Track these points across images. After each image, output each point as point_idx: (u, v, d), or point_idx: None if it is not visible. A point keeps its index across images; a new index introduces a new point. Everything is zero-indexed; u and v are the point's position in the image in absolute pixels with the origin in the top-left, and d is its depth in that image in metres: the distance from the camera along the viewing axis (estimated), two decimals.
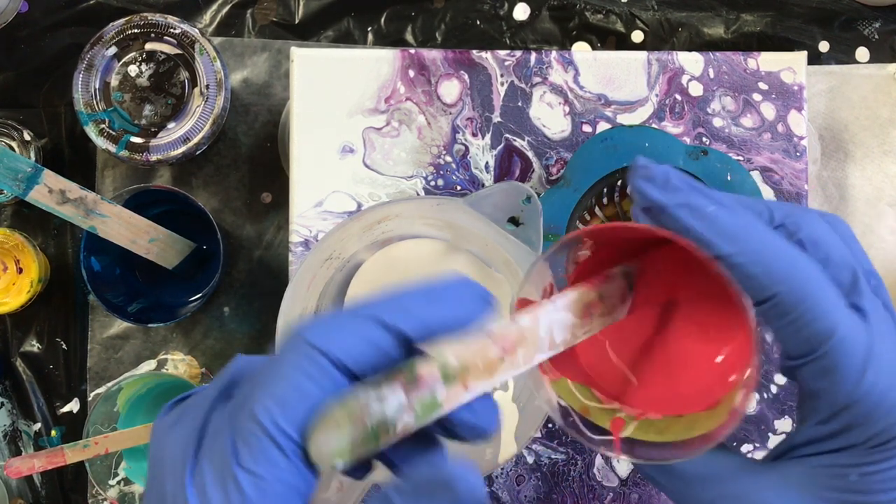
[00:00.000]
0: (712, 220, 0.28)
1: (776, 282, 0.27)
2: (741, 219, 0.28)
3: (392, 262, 0.47)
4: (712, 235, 0.28)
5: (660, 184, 0.28)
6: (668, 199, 0.28)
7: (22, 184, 0.48)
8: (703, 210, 0.28)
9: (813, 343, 0.28)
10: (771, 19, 0.61)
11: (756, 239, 0.28)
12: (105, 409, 0.57)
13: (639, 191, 0.28)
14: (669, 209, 0.28)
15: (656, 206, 0.28)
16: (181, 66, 0.56)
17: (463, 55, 0.50)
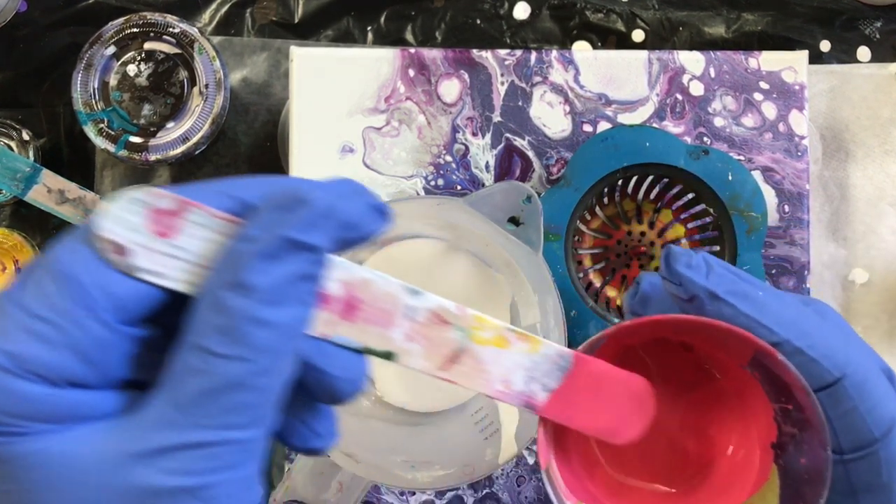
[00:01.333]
0: (764, 306, 0.27)
1: (839, 366, 0.26)
2: (790, 304, 0.27)
3: (392, 262, 0.47)
4: (769, 321, 0.26)
5: (704, 271, 0.27)
6: (716, 285, 0.27)
7: (21, 183, 0.48)
8: (754, 296, 0.27)
9: (875, 431, 0.26)
10: (772, 19, 0.61)
11: (811, 324, 0.27)
12: None
13: (684, 279, 0.27)
14: (721, 297, 0.27)
15: (705, 295, 0.27)
16: (180, 66, 0.56)
17: (463, 55, 0.50)
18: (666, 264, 0.28)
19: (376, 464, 0.41)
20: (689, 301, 0.27)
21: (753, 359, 0.27)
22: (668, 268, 0.28)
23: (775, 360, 0.26)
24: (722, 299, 0.27)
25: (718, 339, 0.27)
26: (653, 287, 0.30)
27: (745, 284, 0.27)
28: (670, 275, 0.28)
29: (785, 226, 0.50)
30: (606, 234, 0.50)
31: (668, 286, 0.28)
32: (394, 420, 0.47)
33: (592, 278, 0.50)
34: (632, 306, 0.30)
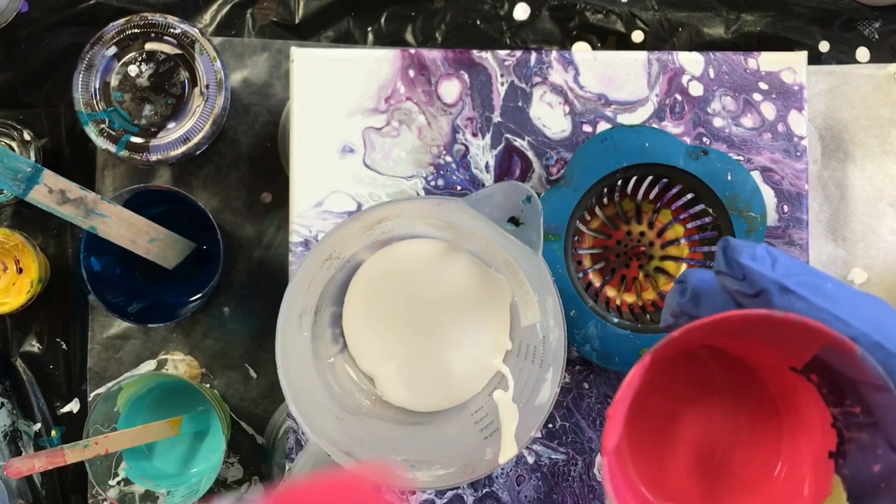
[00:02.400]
0: (836, 299, 0.25)
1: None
2: (859, 296, 0.26)
3: (392, 262, 0.47)
4: (845, 314, 0.25)
5: (770, 263, 0.25)
6: (785, 277, 0.25)
7: (22, 184, 0.48)
8: (825, 287, 0.25)
9: None
10: (771, 19, 0.61)
11: (887, 317, 0.25)
12: (105, 409, 0.57)
13: (750, 272, 0.25)
14: (792, 289, 0.25)
15: (775, 288, 0.25)
16: (181, 66, 0.56)
17: (463, 55, 0.50)
18: (725, 258, 0.26)
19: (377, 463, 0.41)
20: (755, 296, 0.25)
21: (814, 358, 0.26)
22: (727, 261, 0.26)
23: (852, 354, 0.24)
24: (793, 292, 0.25)
25: (781, 336, 0.26)
26: (703, 283, 0.27)
27: (813, 276, 0.25)
28: (731, 269, 0.26)
29: (784, 226, 0.50)
30: (606, 235, 0.50)
31: (728, 281, 0.26)
32: (394, 420, 0.47)
33: (592, 278, 0.50)
34: (681, 306, 0.28)
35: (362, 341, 0.47)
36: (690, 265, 0.49)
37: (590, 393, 0.50)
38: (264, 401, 0.61)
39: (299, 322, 0.43)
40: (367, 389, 0.47)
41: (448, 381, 0.46)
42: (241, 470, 0.61)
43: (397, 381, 0.47)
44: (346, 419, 0.44)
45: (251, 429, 0.61)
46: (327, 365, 0.46)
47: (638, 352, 0.46)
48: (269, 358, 0.61)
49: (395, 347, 0.47)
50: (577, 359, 0.50)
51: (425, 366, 0.46)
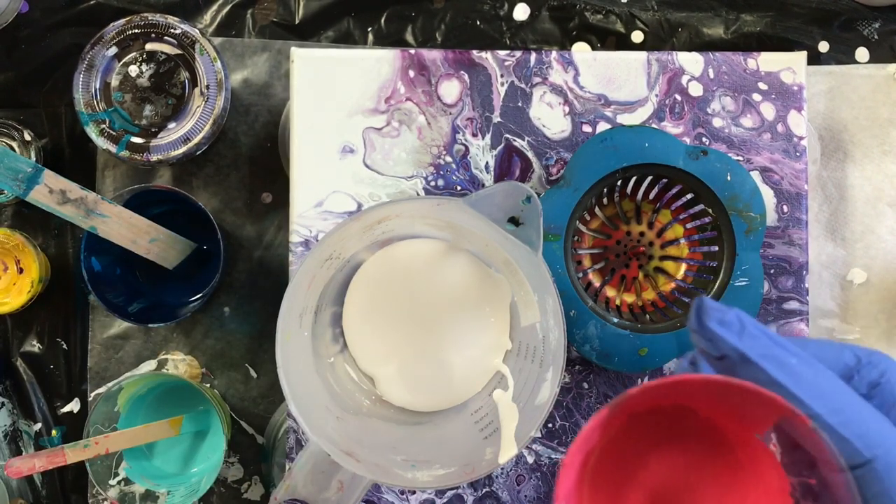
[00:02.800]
0: (798, 375, 0.25)
1: (871, 446, 0.25)
2: (824, 375, 0.26)
3: (392, 262, 0.47)
4: (803, 393, 0.25)
5: (737, 330, 0.26)
6: (748, 348, 0.25)
7: (22, 184, 0.48)
8: (788, 363, 0.26)
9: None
10: (771, 19, 0.61)
11: (846, 399, 0.26)
12: (105, 409, 0.57)
13: (714, 337, 0.26)
14: (754, 360, 0.25)
15: (737, 356, 0.26)
16: (181, 67, 0.56)
17: (463, 55, 0.50)
18: (696, 318, 0.26)
19: (377, 462, 0.41)
20: (719, 360, 0.26)
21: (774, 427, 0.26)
22: (698, 321, 0.26)
23: (807, 429, 0.24)
24: (754, 363, 0.25)
25: (743, 403, 0.26)
26: None
27: (778, 349, 0.26)
28: (701, 329, 0.26)
29: (783, 226, 0.50)
30: (606, 235, 0.50)
31: (698, 340, 0.27)
32: (394, 419, 0.47)
33: (592, 278, 0.50)
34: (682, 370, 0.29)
35: (362, 341, 0.47)
36: (690, 265, 0.50)
37: (589, 393, 0.50)
38: (264, 401, 0.61)
39: (299, 322, 0.43)
40: (367, 389, 0.47)
41: (448, 381, 0.46)
42: (241, 470, 0.61)
43: (397, 381, 0.47)
44: (346, 419, 0.44)
45: (251, 429, 0.61)
46: (327, 365, 0.46)
47: (638, 351, 0.46)
48: (270, 358, 0.61)
49: (395, 347, 0.47)
50: (576, 359, 0.50)
51: (425, 366, 0.46)
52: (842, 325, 0.60)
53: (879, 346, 0.59)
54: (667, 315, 0.48)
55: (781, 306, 0.50)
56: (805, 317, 0.50)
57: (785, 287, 0.50)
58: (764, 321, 0.50)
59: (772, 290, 0.50)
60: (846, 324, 0.60)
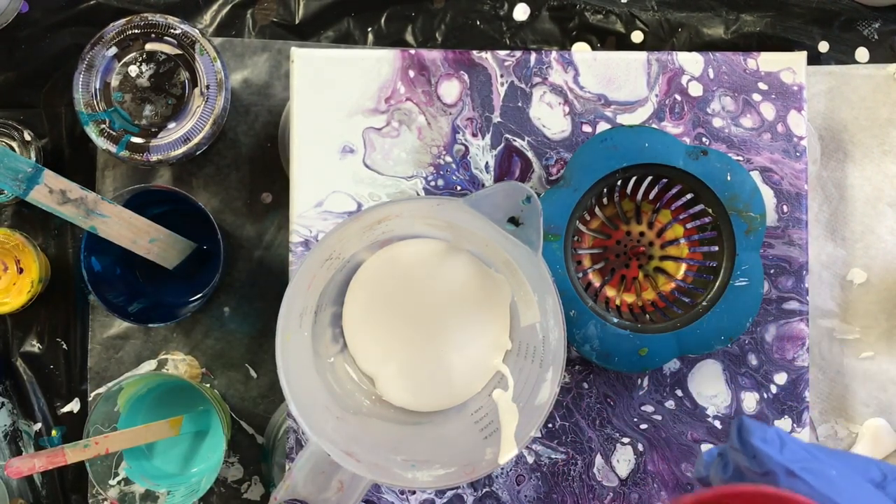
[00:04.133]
0: (839, 487, 0.26)
1: None
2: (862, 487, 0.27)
3: (392, 262, 0.47)
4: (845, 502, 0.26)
5: (778, 446, 0.27)
6: (791, 462, 0.27)
7: (22, 184, 0.48)
8: (829, 475, 0.27)
9: None
10: (771, 20, 0.61)
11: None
12: (105, 409, 0.57)
13: (759, 454, 0.27)
14: (798, 474, 0.26)
15: (781, 471, 0.26)
16: (181, 67, 0.56)
17: (463, 55, 0.50)
18: (739, 437, 0.28)
19: (377, 462, 0.41)
20: (764, 475, 0.27)
21: None
22: (741, 440, 0.28)
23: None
24: (798, 476, 0.26)
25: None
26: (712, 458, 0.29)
27: (818, 463, 0.27)
28: (744, 448, 0.27)
29: (783, 226, 0.50)
30: (605, 235, 0.50)
31: (739, 458, 0.28)
32: (394, 419, 0.47)
33: (592, 278, 0.50)
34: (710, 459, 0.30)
35: (362, 341, 0.47)
36: (690, 265, 0.50)
37: (589, 393, 0.50)
38: (264, 401, 0.61)
39: (299, 322, 0.43)
40: (367, 389, 0.47)
41: (448, 381, 0.46)
42: (241, 470, 0.61)
43: (397, 381, 0.47)
44: (346, 419, 0.44)
45: (251, 429, 0.61)
46: (327, 365, 0.46)
47: (638, 351, 0.46)
48: (270, 358, 0.61)
49: (394, 347, 0.47)
50: (576, 359, 0.50)
51: (425, 366, 0.46)
52: (842, 325, 0.60)
53: (879, 345, 0.59)
54: (667, 315, 0.48)
55: (781, 306, 0.50)
56: (805, 317, 0.50)
57: (785, 287, 0.50)
58: (764, 321, 0.50)
59: (772, 290, 0.50)
60: (846, 324, 0.60)
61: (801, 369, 0.50)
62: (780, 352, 0.50)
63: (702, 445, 0.50)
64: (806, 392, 0.50)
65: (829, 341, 0.60)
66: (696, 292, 0.48)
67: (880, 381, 0.59)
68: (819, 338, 0.59)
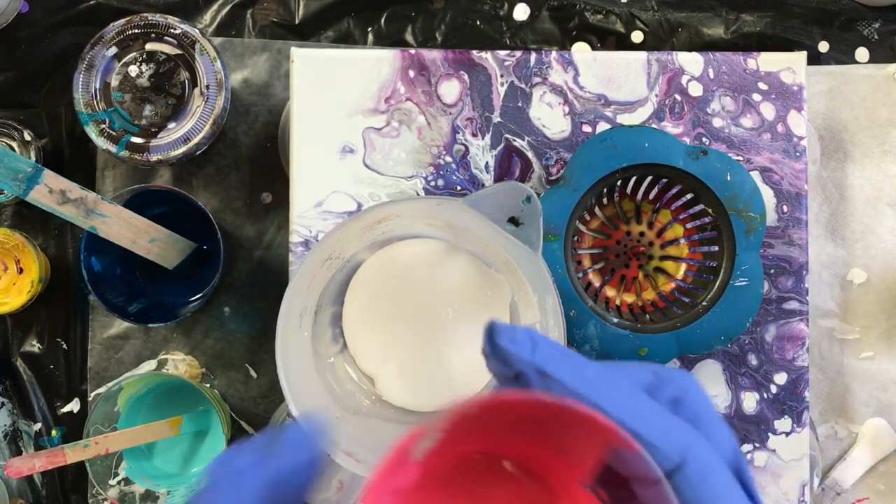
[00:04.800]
0: (595, 385, 0.25)
1: (680, 451, 0.25)
2: (623, 385, 0.25)
3: (392, 262, 0.47)
4: (602, 401, 0.24)
5: (529, 346, 0.25)
6: (544, 362, 0.25)
7: (22, 184, 0.48)
8: (584, 374, 0.25)
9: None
10: (771, 20, 0.61)
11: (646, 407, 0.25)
12: (105, 409, 0.57)
13: (508, 356, 0.25)
14: (549, 372, 0.25)
15: (532, 371, 0.25)
16: (181, 67, 0.56)
17: (463, 55, 0.50)
18: (488, 339, 0.26)
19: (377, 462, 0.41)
20: (515, 379, 0.25)
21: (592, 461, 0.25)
22: (489, 342, 0.26)
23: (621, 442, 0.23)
24: (550, 376, 0.25)
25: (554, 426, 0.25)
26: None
27: (574, 362, 0.25)
28: (493, 350, 0.25)
29: (783, 226, 0.50)
30: (605, 235, 0.50)
31: (491, 364, 0.26)
32: (394, 419, 0.47)
33: (591, 278, 0.50)
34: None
35: (362, 341, 0.47)
36: (690, 265, 0.50)
37: None
38: (264, 401, 0.61)
39: (299, 322, 0.43)
40: (367, 389, 0.47)
41: (448, 381, 0.46)
42: None
43: (397, 381, 0.47)
44: (346, 419, 0.44)
45: (251, 429, 0.61)
46: (327, 365, 0.46)
47: (638, 351, 0.46)
48: (269, 358, 0.61)
49: (394, 347, 0.47)
50: None
51: (425, 366, 0.46)
52: (842, 325, 0.60)
53: (879, 345, 0.59)
54: (667, 315, 0.48)
55: (781, 306, 0.50)
56: (805, 317, 0.50)
57: (785, 287, 0.50)
58: (764, 321, 0.50)
59: (772, 290, 0.50)
60: (846, 324, 0.60)
61: (801, 369, 0.50)
62: (780, 352, 0.50)
63: None
64: (806, 392, 0.50)
65: (829, 341, 0.60)
66: (696, 292, 0.48)
67: (880, 381, 0.59)
68: (819, 338, 0.59)
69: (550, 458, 0.27)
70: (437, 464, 0.26)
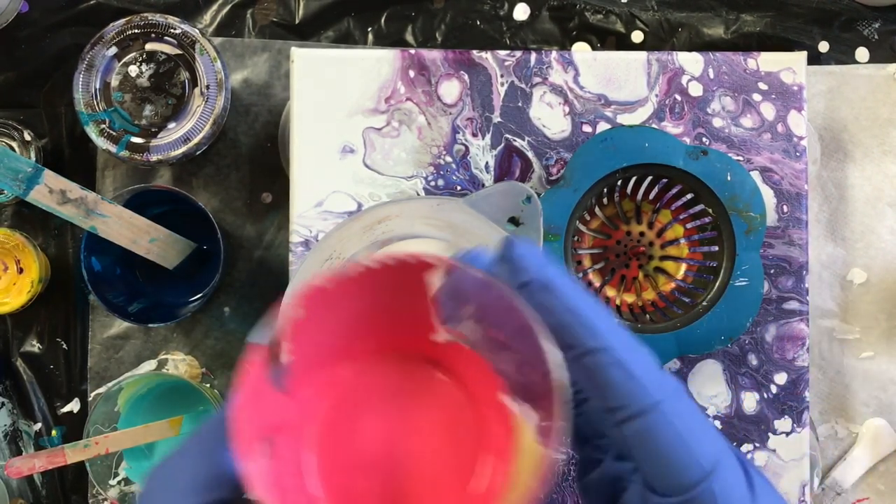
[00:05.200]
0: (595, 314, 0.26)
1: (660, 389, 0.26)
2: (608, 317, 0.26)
3: None
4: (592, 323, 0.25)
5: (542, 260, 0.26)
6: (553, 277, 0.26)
7: (22, 184, 0.48)
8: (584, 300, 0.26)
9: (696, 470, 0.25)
10: (771, 20, 0.61)
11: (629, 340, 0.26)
12: (105, 409, 0.57)
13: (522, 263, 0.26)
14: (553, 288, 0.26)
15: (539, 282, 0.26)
16: (181, 67, 0.56)
17: (463, 55, 0.50)
18: (506, 246, 0.26)
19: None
20: (520, 287, 0.26)
21: None
22: (507, 248, 0.26)
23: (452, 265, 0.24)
24: (554, 290, 0.25)
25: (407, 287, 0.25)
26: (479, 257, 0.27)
27: (577, 286, 0.26)
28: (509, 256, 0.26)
29: (783, 226, 0.50)
30: (606, 235, 0.50)
31: (501, 269, 0.26)
32: None
33: (592, 278, 0.50)
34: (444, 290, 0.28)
35: None
36: (690, 265, 0.50)
37: None
38: None
39: None
40: None
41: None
42: None
43: None
44: None
45: None
46: None
47: None
48: None
49: None
50: None
51: None
52: (842, 325, 0.60)
53: (880, 345, 0.59)
54: (667, 315, 0.48)
55: (781, 306, 0.50)
56: (805, 317, 0.50)
57: (785, 287, 0.50)
58: (764, 321, 0.50)
59: (772, 290, 0.50)
60: (846, 324, 0.60)
61: (801, 369, 0.50)
62: (780, 352, 0.50)
63: None
64: (806, 392, 0.50)
65: (829, 341, 0.60)
66: (696, 292, 0.48)
67: (880, 381, 0.59)
68: (819, 338, 0.59)
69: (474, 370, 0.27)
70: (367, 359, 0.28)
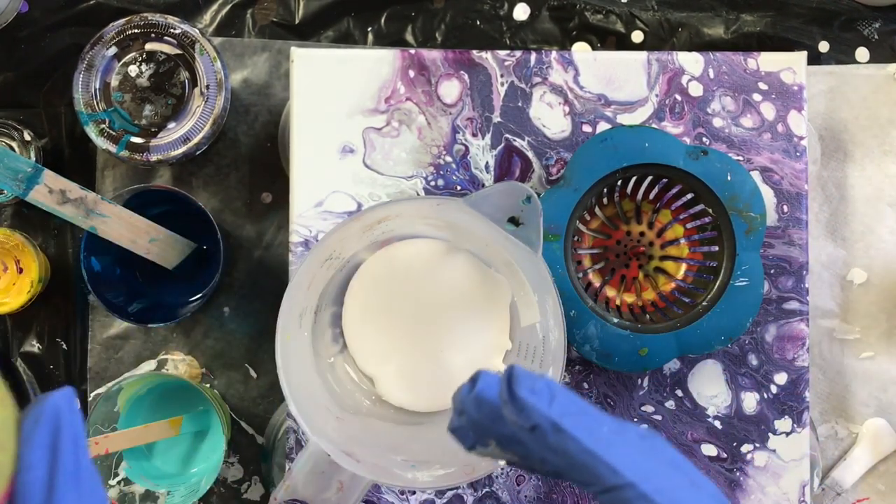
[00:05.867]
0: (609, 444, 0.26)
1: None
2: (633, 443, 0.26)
3: (392, 262, 0.47)
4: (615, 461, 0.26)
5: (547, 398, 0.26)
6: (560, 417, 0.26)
7: (22, 184, 0.48)
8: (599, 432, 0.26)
9: None
10: (771, 19, 0.61)
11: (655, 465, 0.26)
12: (105, 409, 0.57)
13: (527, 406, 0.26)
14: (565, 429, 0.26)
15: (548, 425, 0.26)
16: (181, 67, 0.56)
17: (463, 55, 0.50)
18: (507, 386, 0.26)
19: (376, 463, 0.41)
20: (531, 430, 0.25)
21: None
22: (509, 391, 0.26)
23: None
24: (566, 432, 0.25)
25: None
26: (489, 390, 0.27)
27: (590, 418, 0.26)
28: (512, 399, 0.26)
29: (784, 226, 0.50)
30: (606, 235, 0.50)
31: (508, 411, 0.26)
32: (394, 419, 0.47)
33: (592, 278, 0.50)
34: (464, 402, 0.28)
35: (362, 341, 0.47)
36: (690, 265, 0.50)
37: (590, 393, 0.50)
38: (264, 401, 0.61)
39: (299, 322, 0.43)
40: (367, 389, 0.47)
41: (448, 381, 0.46)
42: (241, 470, 0.61)
43: (397, 381, 0.47)
44: (346, 419, 0.44)
45: (251, 429, 0.61)
46: (327, 365, 0.46)
47: (638, 351, 0.46)
48: (269, 358, 0.61)
49: (394, 347, 0.47)
50: (576, 359, 0.50)
51: (425, 366, 0.46)
52: (842, 325, 0.60)
53: (880, 345, 0.59)
54: (667, 315, 0.48)
55: (781, 306, 0.50)
56: (805, 317, 0.50)
57: (785, 287, 0.50)
58: (764, 321, 0.50)
59: (772, 290, 0.50)
60: (846, 324, 0.60)
61: (801, 369, 0.50)
62: (780, 352, 0.50)
63: (701, 446, 0.50)
64: (806, 392, 0.50)
65: (829, 341, 0.60)
66: (696, 292, 0.48)
67: (880, 381, 0.59)
68: (819, 338, 0.59)
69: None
70: None
